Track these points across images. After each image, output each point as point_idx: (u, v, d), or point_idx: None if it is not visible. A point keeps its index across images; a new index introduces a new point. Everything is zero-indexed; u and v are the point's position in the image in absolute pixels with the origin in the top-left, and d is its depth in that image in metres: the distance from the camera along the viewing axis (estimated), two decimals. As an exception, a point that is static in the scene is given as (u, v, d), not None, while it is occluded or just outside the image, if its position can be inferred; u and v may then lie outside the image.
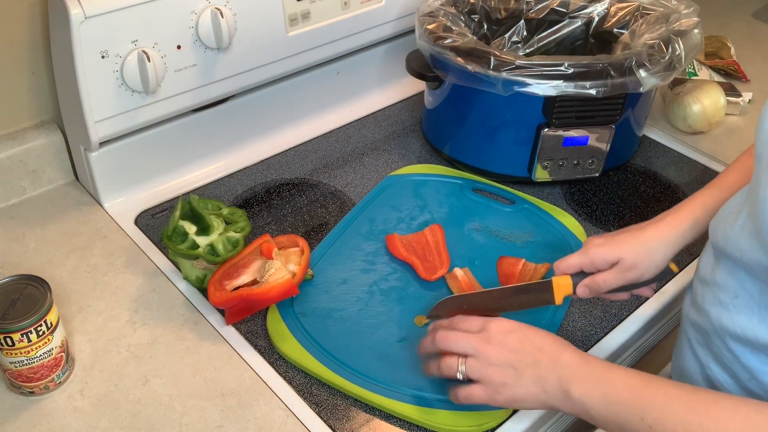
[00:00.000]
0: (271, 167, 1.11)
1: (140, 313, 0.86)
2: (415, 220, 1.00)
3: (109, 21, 0.87)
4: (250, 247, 0.86)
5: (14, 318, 0.71)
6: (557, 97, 0.96)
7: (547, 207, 1.02)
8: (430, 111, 1.13)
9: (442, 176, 1.08)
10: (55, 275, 0.90)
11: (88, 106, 0.91)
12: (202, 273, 0.87)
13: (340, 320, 0.85)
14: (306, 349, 0.81)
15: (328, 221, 1.00)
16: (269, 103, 1.13)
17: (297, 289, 0.83)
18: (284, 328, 0.83)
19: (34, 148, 1.00)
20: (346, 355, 0.80)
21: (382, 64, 1.25)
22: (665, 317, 0.94)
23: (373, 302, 0.87)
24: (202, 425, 0.74)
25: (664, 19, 1.03)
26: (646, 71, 0.94)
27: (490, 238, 0.97)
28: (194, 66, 0.97)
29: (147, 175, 1.04)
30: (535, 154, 1.03)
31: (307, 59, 1.11)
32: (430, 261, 0.92)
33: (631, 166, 1.13)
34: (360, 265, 0.92)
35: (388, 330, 0.84)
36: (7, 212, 0.99)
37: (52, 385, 0.77)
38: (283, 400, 0.77)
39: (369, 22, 1.15)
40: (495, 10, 1.15)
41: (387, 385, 0.77)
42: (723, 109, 1.19)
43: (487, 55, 0.94)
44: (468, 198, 1.04)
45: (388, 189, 1.05)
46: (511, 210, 1.02)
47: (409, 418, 0.75)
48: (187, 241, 0.85)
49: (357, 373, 0.78)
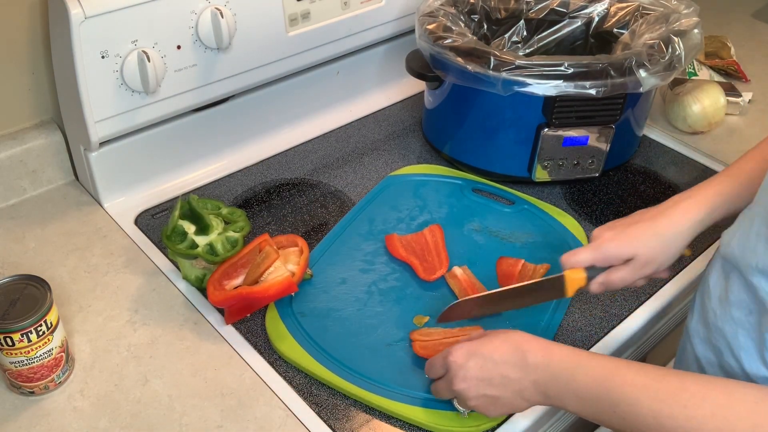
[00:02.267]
0: (271, 167, 1.11)
1: (140, 313, 0.86)
2: (414, 220, 1.00)
3: (109, 21, 0.87)
4: (249, 247, 0.86)
5: (14, 318, 0.71)
6: (557, 97, 0.96)
7: (547, 207, 1.02)
8: (430, 111, 1.13)
9: (442, 176, 1.08)
10: (55, 275, 0.90)
11: (88, 106, 0.91)
12: (201, 272, 0.87)
13: (339, 320, 0.85)
14: (304, 349, 0.81)
15: (327, 221, 1.00)
16: (269, 103, 1.13)
17: (296, 286, 0.83)
18: (283, 327, 0.83)
19: (34, 148, 1.00)
20: (345, 355, 0.80)
21: (382, 64, 1.25)
22: (665, 317, 0.94)
23: (371, 302, 0.87)
24: (202, 425, 0.74)
25: (664, 19, 1.03)
26: (646, 71, 0.94)
27: (489, 238, 0.97)
28: (194, 66, 0.97)
29: (147, 175, 1.04)
30: (535, 154, 1.03)
31: (307, 59, 1.11)
32: (429, 261, 0.92)
33: (631, 166, 1.13)
34: (359, 265, 0.92)
35: (386, 330, 0.84)
36: (7, 212, 0.99)
37: (52, 385, 0.77)
38: (283, 400, 0.77)
39: (369, 22, 1.15)
40: (495, 10, 1.15)
41: (385, 386, 0.77)
42: (723, 109, 1.19)
43: (487, 55, 0.94)
44: (468, 198, 1.04)
45: (387, 189, 1.05)
46: (511, 210, 1.02)
47: (406, 418, 0.75)
48: (187, 240, 0.85)
49: (355, 373, 0.78)
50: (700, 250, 0.97)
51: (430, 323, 0.85)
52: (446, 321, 0.83)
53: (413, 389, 0.77)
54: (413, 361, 0.80)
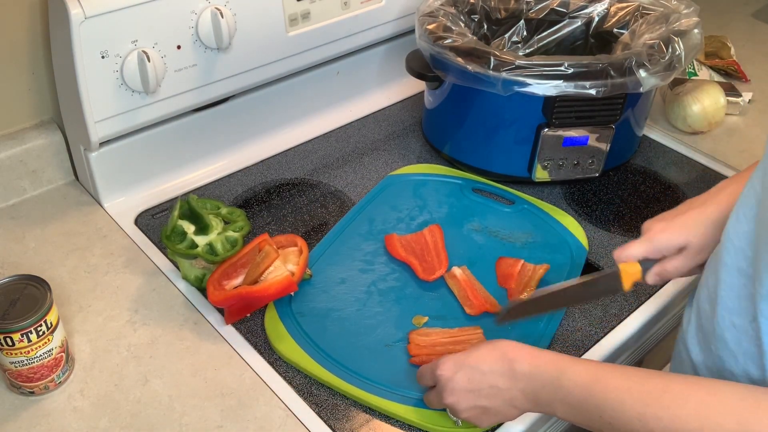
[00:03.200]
0: (271, 167, 1.11)
1: (140, 313, 0.86)
2: (414, 220, 1.00)
3: (109, 21, 0.87)
4: (249, 247, 0.86)
5: (14, 318, 0.71)
6: (557, 97, 0.96)
7: (547, 207, 1.02)
8: (430, 111, 1.13)
9: (442, 176, 1.08)
10: (55, 275, 0.90)
11: (88, 106, 0.91)
12: (201, 272, 0.87)
13: (338, 320, 0.85)
14: (303, 349, 0.81)
15: (327, 221, 1.00)
16: (269, 103, 1.13)
17: (296, 285, 0.83)
18: (282, 327, 0.83)
19: (34, 148, 1.00)
20: (343, 356, 0.80)
21: (382, 64, 1.25)
22: (665, 317, 0.94)
23: (371, 302, 0.87)
24: (202, 425, 0.74)
25: (664, 19, 1.03)
26: (646, 71, 0.94)
27: (489, 238, 0.97)
28: (194, 66, 0.97)
29: (147, 175, 1.04)
30: (535, 154, 1.03)
31: (307, 59, 1.11)
32: (428, 261, 0.92)
33: (631, 166, 1.13)
34: (359, 265, 0.92)
35: (385, 330, 0.84)
36: (7, 212, 0.99)
37: (52, 385, 0.77)
38: (283, 400, 0.77)
39: (369, 22, 1.15)
40: (495, 10, 1.15)
41: (382, 386, 0.77)
42: (723, 109, 1.19)
43: (487, 55, 0.94)
44: (468, 198, 1.04)
45: (387, 189, 1.05)
46: (511, 210, 1.02)
47: (404, 419, 0.75)
48: (186, 240, 0.85)
49: (353, 374, 0.78)
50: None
51: (430, 323, 0.85)
52: (506, 322, 0.83)
53: (410, 390, 0.77)
54: (409, 363, 0.80)
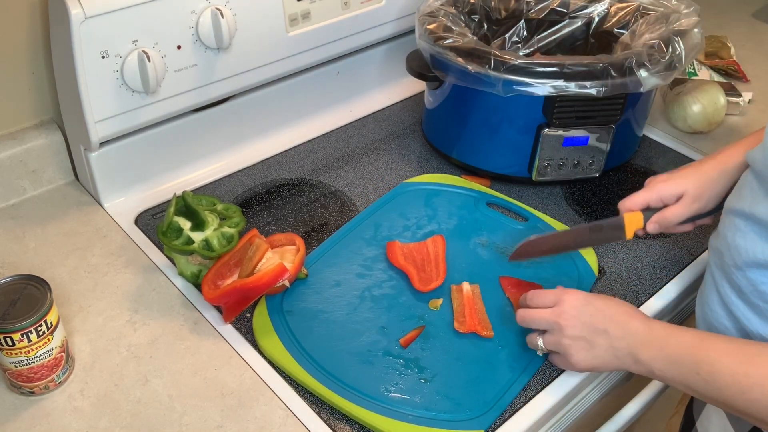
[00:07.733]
0: (271, 167, 1.11)
1: (140, 313, 0.86)
2: (421, 229, 0.98)
3: (109, 21, 0.87)
4: (240, 244, 0.86)
5: (14, 318, 0.71)
6: (557, 97, 0.96)
7: (560, 227, 0.98)
8: (431, 111, 1.13)
9: (458, 187, 1.06)
10: (55, 275, 0.90)
11: (88, 106, 0.91)
12: (197, 268, 0.87)
13: (325, 322, 0.84)
14: (285, 347, 0.80)
15: (328, 221, 1.00)
16: (269, 103, 1.13)
17: (287, 268, 0.82)
18: (268, 323, 0.83)
19: (34, 148, 1.00)
20: (323, 357, 0.79)
21: (382, 64, 1.25)
22: (667, 316, 0.94)
23: (362, 308, 0.86)
24: (202, 425, 0.74)
25: (664, 19, 1.03)
26: (647, 71, 0.94)
27: (494, 254, 0.94)
28: (194, 66, 0.97)
29: (147, 175, 1.04)
30: (535, 154, 1.03)
31: (307, 59, 1.11)
32: (426, 272, 0.91)
33: (631, 166, 1.13)
34: (356, 270, 0.91)
35: (369, 337, 0.82)
36: (7, 212, 0.99)
37: (52, 385, 0.77)
38: (283, 400, 0.77)
39: (369, 22, 1.15)
40: (495, 10, 1.15)
41: (357, 392, 0.76)
42: (723, 109, 1.19)
43: (487, 55, 0.94)
44: (480, 212, 1.01)
45: (400, 196, 1.04)
46: (524, 227, 0.99)
47: (373, 427, 0.73)
48: (182, 236, 0.85)
49: (329, 376, 0.77)
50: (698, 253, 0.98)
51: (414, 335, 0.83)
52: (519, 259, 0.90)
53: (383, 401, 0.75)
54: (388, 371, 0.79)
